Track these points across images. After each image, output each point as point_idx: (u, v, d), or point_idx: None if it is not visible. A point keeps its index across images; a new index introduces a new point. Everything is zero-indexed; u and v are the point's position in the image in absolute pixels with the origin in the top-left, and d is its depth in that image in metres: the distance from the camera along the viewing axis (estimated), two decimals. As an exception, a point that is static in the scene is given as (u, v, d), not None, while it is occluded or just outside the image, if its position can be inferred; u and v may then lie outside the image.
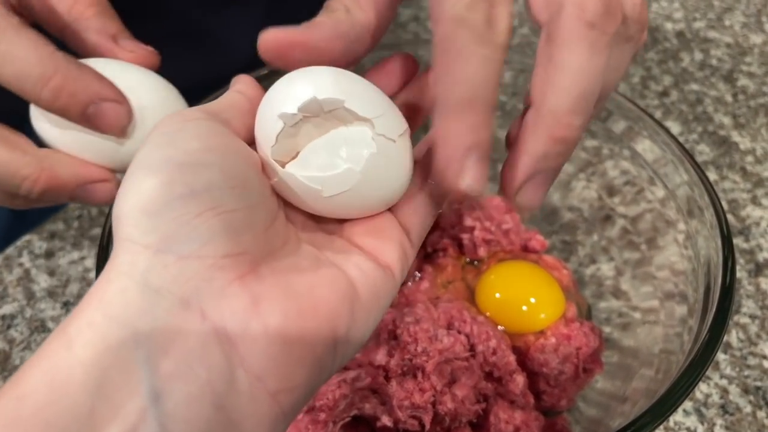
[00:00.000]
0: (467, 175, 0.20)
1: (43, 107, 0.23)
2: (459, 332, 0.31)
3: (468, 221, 0.36)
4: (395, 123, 0.20)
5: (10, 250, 0.44)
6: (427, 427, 0.29)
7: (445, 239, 0.36)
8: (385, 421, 0.29)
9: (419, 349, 0.30)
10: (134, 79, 0.25)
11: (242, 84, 0.22)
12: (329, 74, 0.20)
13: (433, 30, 0.20)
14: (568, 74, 0.20)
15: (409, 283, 0.34)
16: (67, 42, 0.26)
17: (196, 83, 0.40)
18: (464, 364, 0.30)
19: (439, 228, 0.36)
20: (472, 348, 0.31)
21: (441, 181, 0.20)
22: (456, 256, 0.37)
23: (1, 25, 0.22)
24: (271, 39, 0.21)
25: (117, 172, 0.26)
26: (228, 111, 0.20)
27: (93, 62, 0.25)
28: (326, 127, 0.20)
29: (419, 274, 0.34)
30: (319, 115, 0.20)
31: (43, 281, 0.42)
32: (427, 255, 0.35)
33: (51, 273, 0.43)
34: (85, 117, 0.23)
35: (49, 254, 0.43)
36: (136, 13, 0.42)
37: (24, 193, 0.24)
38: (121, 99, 0.24)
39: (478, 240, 0.36)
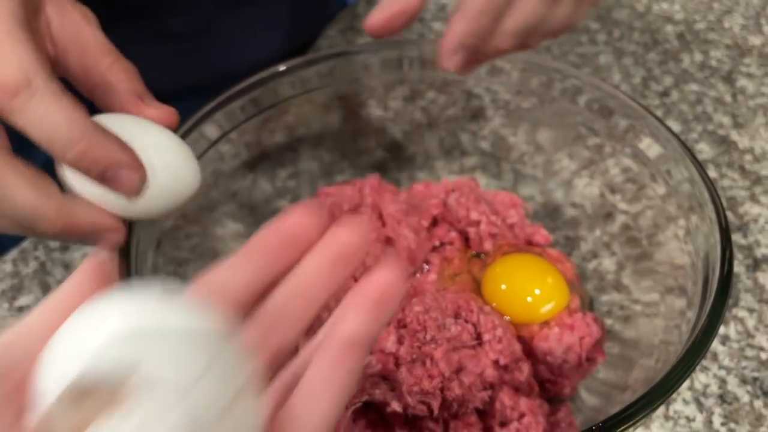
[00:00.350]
0: (454, 60, 0.30)
1: (67, 165, 0.25)
2: (466, 321, 0.32)
3: (474, 215, 0.37)
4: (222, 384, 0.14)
5: (26, 244, 0.45)
6: (436, 412, 0.31)
7: (452, 233, 0.37)
8: (395, 406, 0.31)
9: (428, 337, 0.31)
10: (152, 137, 0.27)
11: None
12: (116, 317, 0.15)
13: None
14: None
15: (418, 275, 0.35)
16: (95, 98, 0.28)
17: (208, 80, 0.41)
18: (471, 352, 0.31)
19: (446, 222, 0.37)
20: (478, 336, 0.32)
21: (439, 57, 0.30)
22: (462, 249, 0.38)
23: (43, 90, 0.24)
24: (377, 19, 0.28)
25: (128, 220, 0.28)
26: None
27: (118, 118, 0.27)
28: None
29: (427, 267, 0.36)
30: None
31: (58, 274, 0.43)
32: (434, 248, 0.37)
33: (66, 266, 0.44)
34: (103, 179, 0.25)
35: (63, 248, 0.45)
36: (153, 11, 0.43)
37: (40, 232, 0.26)
38: (137, 166, 0.26)
39: (484, 234, 0.37)
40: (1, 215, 0.25)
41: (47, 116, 0.24)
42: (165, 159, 0.27)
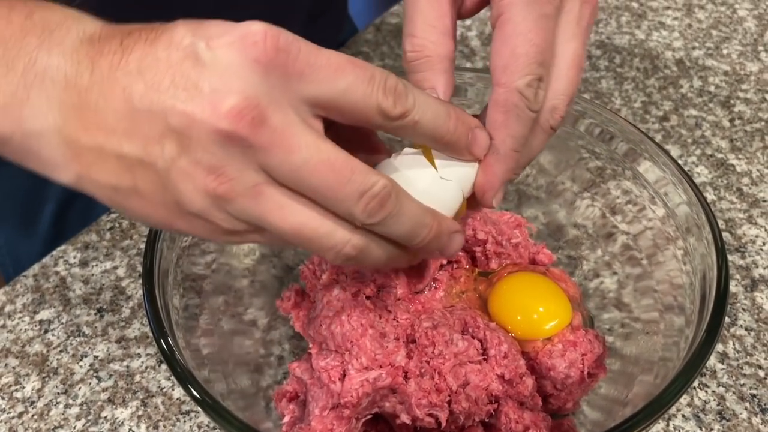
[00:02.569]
0: (497, 198, 0.30)
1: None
2: (473, 337, 0.34)
3: (480, 235, 0.38)
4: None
5: (47, 260, 0.46)
6: (443, 424, 0.32)
7: (459, 252, 0.39)
8: (404, 418, 0.32)
9: (436, 352, 0.32)
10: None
11: None
12: None
13: (494, 90, 0.28)
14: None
15: (426, 292, 0.37)
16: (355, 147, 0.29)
17: None
18: (477, 366, 0.33)
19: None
20: (484, 352, 0.33)
21: (479, 196, 0.30)
22: (469, 268, 0.39)
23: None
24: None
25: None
26: None
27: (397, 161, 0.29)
28: None
29: (435, 284, 0.37)
30: None
31: (78, 289, 0.45)
32: (442, 266, 0.38)
33: (85, 281, 0.45)
34: (467, 143, 0.28)
35: (83, 263, 0.46)
36: (163, 5, 0.45)
37: (418, 241, 0.27)
38: (482, 127, 0.28)
39: (490, 253, 0.38)
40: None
41: (428, 100, 0.26)
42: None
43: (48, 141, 0.24)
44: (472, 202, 0.30)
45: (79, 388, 0.40)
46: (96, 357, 0.41)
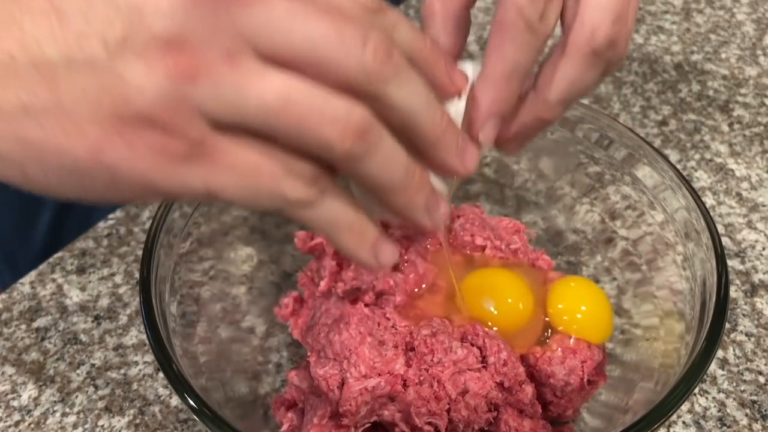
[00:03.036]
0: (484, 132, 0.27)
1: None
2: (472, 344, 0.33)
3: (479, 241, 0.38)
4: None
5: (44, 267, 0.46)
6: (442, 433, 0.32)
7: (458, 257, 0.39)
8: (403, 427, 0.32)
9: (435, 359, 0.32)
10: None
11: None
12: None
13: (496, 9, 0.25)
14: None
15: (426, 297, 0.36)
16: None
17: None
18: (477, 374, 0.32)
19: (451, 247, 0.39)
20: (484, 359, 0.33)
21: (467, 128, 0.26)
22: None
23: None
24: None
25: None
26: None
27: None
28: None
29: (434, 288, 0.37)
30: None
31: (75, 296, 0.44)
32: (435, 262, 0.38)
33: (82, 288, 0.45)
34: (457, 156, 0.25)
35: (80, 271, 0.46)
36: None
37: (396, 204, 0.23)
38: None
39: (488, 258, 0.38)
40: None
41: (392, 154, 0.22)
42: None
43: None
44: None
45: (76, 397, 0.39)
46: (93, 365, 0.41)
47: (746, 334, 0.43)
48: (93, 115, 0.18)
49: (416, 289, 0.36)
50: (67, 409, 0.39)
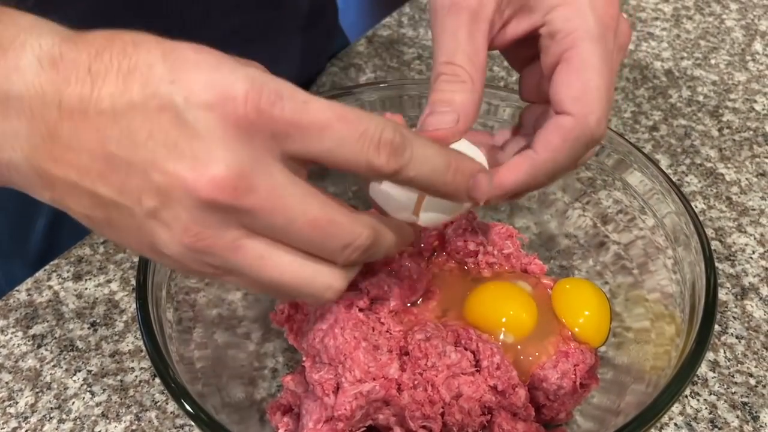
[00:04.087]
0: (497, 192, 0.31)
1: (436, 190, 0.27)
2: (465, 348, 0.34)
3: (472, 246, 0.38)
4: None
5: (40, 274, 0.46)
6: (437, 436, 0.32)
7: (451, 263, 0.39)
8: (398, 430, 0.32)
9: (429, 363, 0.32)
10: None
11: None
12: None
13: (560, 117, 0.29)
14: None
15: (419, 302, 0.37)
16: None
17: None
18: (470, 378, 0.33)
19: (445, 252, 0.39)
20: (477, 363, 0.33)
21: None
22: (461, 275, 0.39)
23: (411, 133, 0.25)
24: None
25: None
26: None
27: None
28: None
29: (428, 295, 0.37)
30: None
31: (71, 303, 0.45)
32: (434, 276, 0.38)
33: (79, 295, 0.45)
34: (466, 189, 0.27)
35: (76, 277, 0.46)
36: (176, 18, 0.45)
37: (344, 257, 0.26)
38: (485, 171, 0.28)
39: (481, 263, 0.39)
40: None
41: (427, 153, 0.25)
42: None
43: (18, 170, 0.24)
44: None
45: (73, 403, 0.40)
46: (89, 371, 0.41)
47: (737, 337, 0.43)
48: (135, 238, 0.25)
49: (410, 294, 0.36)
50: (64, 416, 0.39)
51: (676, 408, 0.40)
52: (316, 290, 0.26)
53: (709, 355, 0.42)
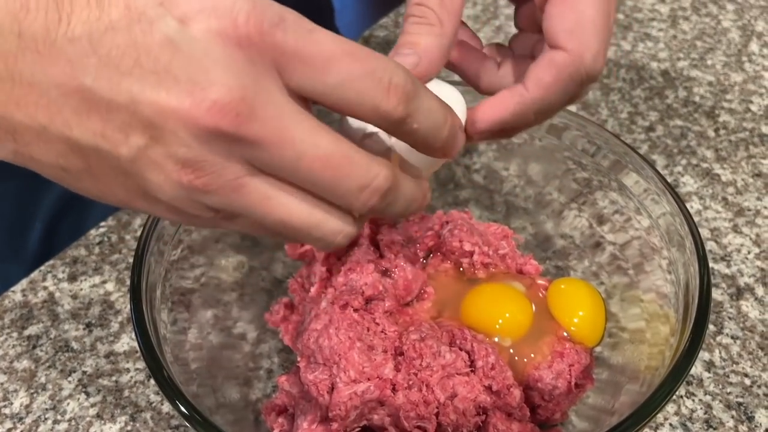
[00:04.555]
0: (479, 134, 0.29)
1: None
2: (460, 349, 0.34)
3: (467, 246, 0.38)
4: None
5: (35, 274, 0.46)
6: (431, 436, 0.32)
7: (446, 263, 0.39)
8: (392, 431, 0.32)
9: (424, 364, 0.32)
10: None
11: None
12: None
13: (553, 51, 0.27)
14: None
15: (414, 303, 0.37)
16: None
17: None
18: (465, 378, 0.33)
19: (440, 253, 0.39)
20: (472, 363, 0.33)
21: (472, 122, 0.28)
22: (457, 276, 0.39)
23: (420, 84, 0.24)
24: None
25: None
26: None
27: None
28: None
29: (423, 296, 0.37)
30: None
31: (66, 304, 0.45)
32: (430, 277, 0.38)
33: (74, 296, 0.45)
34: (445, 144, 0.25)
35: (72, 278, 0.46)
36: None
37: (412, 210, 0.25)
38: (461, 125, 0.26)
39: (477, 264, 0.39)
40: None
41: (431, 106, 0.23)
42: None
43: None
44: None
45: (68, 404, 0.40)
46: (84, 372, 0.41)
47: (732, 337, 0.43)
48: (121, 185, 0.22)
49: (406, 295, 0.36)
50: (59, 417, 0.39)
51: (671, 408, 0.40)
52: (326, 234, 0.23)
53: (705, 356, 0.42)
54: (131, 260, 0.45)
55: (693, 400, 0.40)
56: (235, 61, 0.20)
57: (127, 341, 0.43)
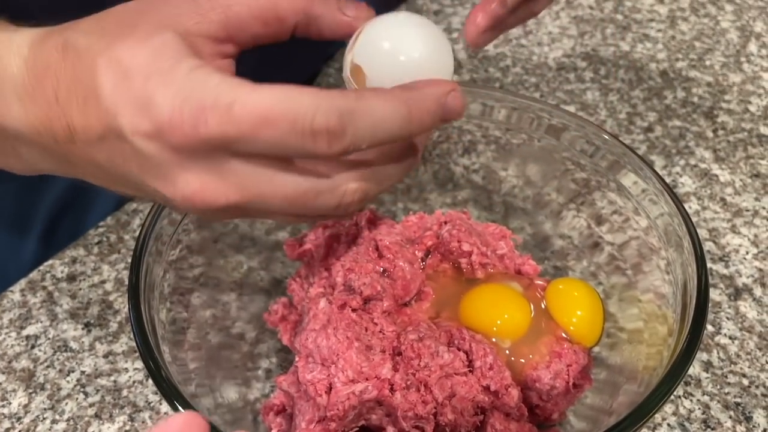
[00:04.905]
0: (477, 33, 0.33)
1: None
2: (458, 349, 0.34)
3: (466, 247, 0.38)
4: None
5: (34, 274, 0.46)
6: (429, 436, 0.32)
7: (445, 263, 0.39)
8: (391, 431, 0.32)
9: (422, 364, 0.32)
10: (412, 29, 0.28)
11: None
12: None
13: None
14: None
15: (413, 303, 0.37)
16: (299, 35, 0.29)
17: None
18: (463, 378, 0.33)
19: (438, 253, 0.39)
20: (470, 363, 0.33)
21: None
22: (455, 276, 0.39)
23: (356, 106, 0.25)
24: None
25: None
26: None
27: (378, 23, 0.28)
28: None
29: (421, 296, 0.37)
30: None
31: (65, 303, 0.45)
32: (428, 277, 0.38)
33: (73, 296, 0.45)
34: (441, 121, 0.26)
35: (70, 278, 0.46)
36: None
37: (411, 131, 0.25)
38: (453, 87, 0.26)
39: (475, 264, 0.39)
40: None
41: (374, 119, 0.23)
42: (429, 47, 0.27)
43: (49, 171, 0.30)
44: None
45: (66, 404, 0.40)
46: (83, 372, 0.41)
47: (730, 337, 0.43)
48: (150, 198, 0.28)
49: (404, 295, 0.36)
50: (57, 417, 0.39)
51: (669, 408, 0.40)
52: (336, 194, 0.26)
53: (703, 356, 0.42)
54: (130, 260, 0.45)
55: (691, 401, 0.40)
56: (184, 161, 0.24)
57: (126, 341, 0.43)
